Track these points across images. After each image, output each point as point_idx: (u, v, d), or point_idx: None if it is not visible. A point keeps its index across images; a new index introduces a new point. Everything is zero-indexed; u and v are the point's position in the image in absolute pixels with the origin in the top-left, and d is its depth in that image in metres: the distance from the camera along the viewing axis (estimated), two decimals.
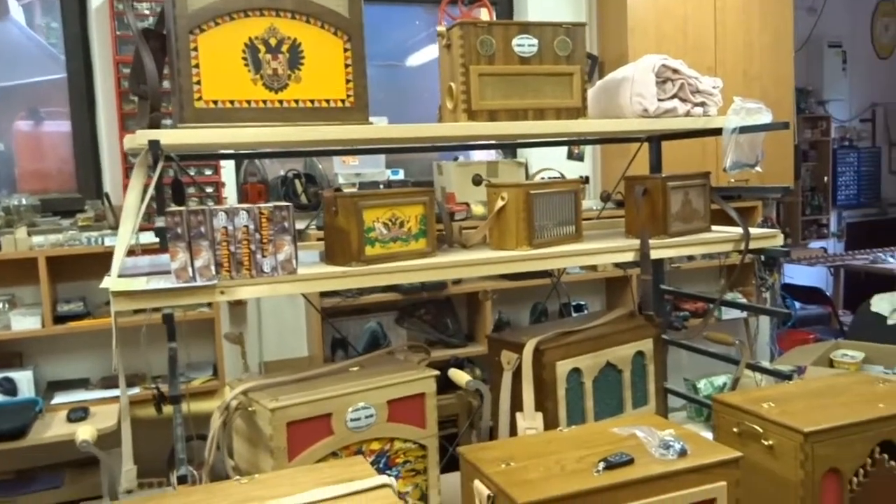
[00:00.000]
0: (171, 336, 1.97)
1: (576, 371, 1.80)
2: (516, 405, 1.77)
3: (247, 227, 1.44)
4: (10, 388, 2.34)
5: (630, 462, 1.23)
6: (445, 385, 1.88)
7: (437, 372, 1.71)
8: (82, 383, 2.55)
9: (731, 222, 1.90)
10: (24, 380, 2.36)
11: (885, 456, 1.44)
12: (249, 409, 1.58)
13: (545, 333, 1.81)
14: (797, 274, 5.77)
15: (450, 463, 1.89)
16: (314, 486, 1.13)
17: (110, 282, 1.38)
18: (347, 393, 1.60)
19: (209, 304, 2.63)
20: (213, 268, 1.42)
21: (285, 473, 1.24)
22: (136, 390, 2.45)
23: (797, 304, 5.37)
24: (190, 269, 1.40)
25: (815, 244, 6.15)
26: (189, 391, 2.35)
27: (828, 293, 5.57)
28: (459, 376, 1.72)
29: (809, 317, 5.47)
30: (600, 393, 1.84)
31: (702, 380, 2.57)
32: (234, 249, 1.44)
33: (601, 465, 1.22)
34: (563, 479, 1.20)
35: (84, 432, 1.31)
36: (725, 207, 1.92)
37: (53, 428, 2.21)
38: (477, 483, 1.25)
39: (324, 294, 2.74)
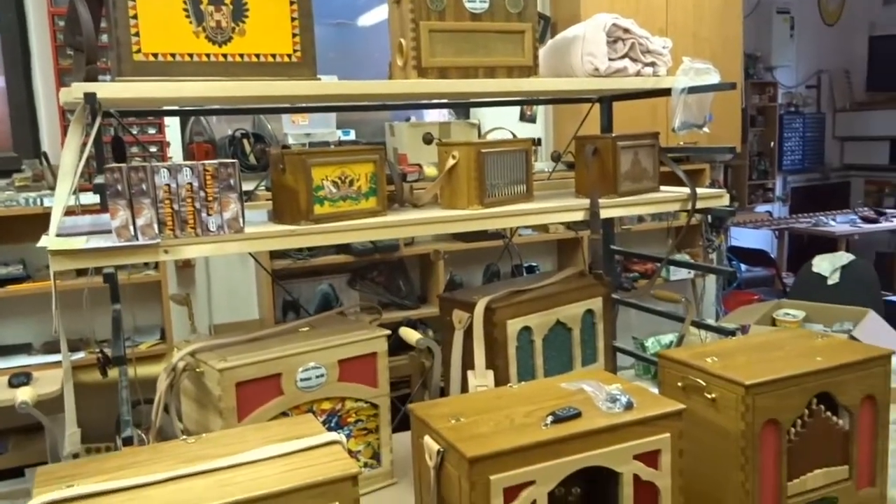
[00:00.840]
0: (114, 298, 1.92)
1: (526, 329, 1.81)
2: (468, 364, 1.79)
3: (191, 184, 1.41)
4: None
5: (577, 415, 1.25)
6: (398, 347, 1.89)
7: (388, 332, 1.71)
8: (24, 348, 2.49)
9: (680, 184, 1.93)
10: None
11: (822, 407, 1.49)
12: (197, 370, 1.56)
13: (496, 293, 1.82)
14: (743, 237, 5.91)
15: (402, 423, 1.90)
16: (263, 444, 1.12)
17: (48, 241, 1.34)
18: (297, 353, 1.59)
19: (155, 266, 2.58)
20: (155, 226, 1.38)
21: (233, 432, 1.23)
22: (80, 355, 2.40)
23: (743, 267, 5.51)
24: (131, 228, 1.37)
25: (761, 208, 6.31)
26: (136, 355, 2.31)
27: (772, 255, 5.73)
28: (410, 334, 1.72)
29: (754, 279, 5.64)
30: (550, 351, 1.86)
31: (649, 338, 2.62)
32: (178, 208, 1.40)
33: (549, 418, 1.23)
34: (512, 433, 1.21)
35: (23, 393, 1.27)
36: (673, 167, 1.94)
37: None
38: (427, 439, 1.26)
39: (274, 256, 2.71)
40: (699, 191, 1.87)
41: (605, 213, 1.79)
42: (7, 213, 2.34)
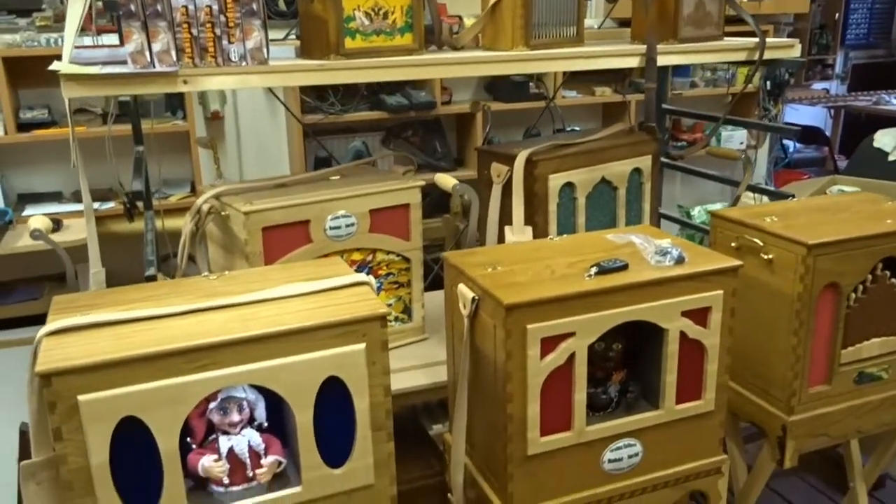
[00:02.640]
0: (137, 139, 1.85)
1: (569, 185, 1.70)
2: (505, 220, 1.69)
3: (210, 7, 1.28)
4: None
5: (624, 268, 1.16)
6: (431, 210, 1.80)
7: (422, 182, 1.62)
8: (55, 196, 2.45)
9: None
10: None
11: (888, 273, 1.38)
12: (222, 213, 1.49)
13: (538, 146, 1.70)
14: (797, 115, 5.61)
15: (434, 283, 1.85)
16: (288, 283, 1.05)
17: (60, 65, 1.24)
18: (327, 199, 1.51)
19: (183, 117, 2.49)
20: (173, 53, 1.27)
21: (257, 270, 1.17)
22: (110, 204, 2.36)
23: (794, 146, 5.26)
24: (147, 54, 1.26)
25: (818, 85, 5.94)
26: (164, 208, 2.26)
27: (827, 135, 5.44)
28: (446, 180, 1.63)
29: (805, 159, 5.38)
30: (593, 210, 1.76)
31: (695, 207, 2.50)
32: (197, 33, 1.29)
33: (593, 269, 1.15)
34: (552, 282, 1.13)
35: (36, 221, 1.21)
36: (741, 12, 1.75)
37: (25, 239, 2.14)
38: (461, 287, 1.18)
39: (305, 111, 2.60)
40: (768, 40, 1.69)
41: (662, 60, 1.63)
42: (28, 54, 2.24)
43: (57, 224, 2.20)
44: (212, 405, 0.99)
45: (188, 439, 0.98)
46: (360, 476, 1.02)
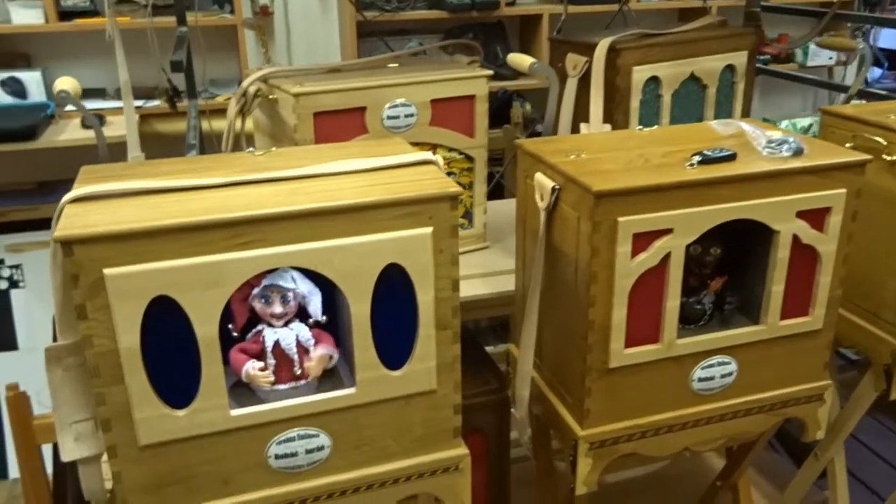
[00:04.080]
0: (180, 19, 1.71)
1: (654, 80, 1.52)
2: (580, 116, 1.52)
3: None
4: (18, 89, 2.14)
5: (732, 157, 0.99)
6: (489, 121, 1.62)
7: (490, 71, 1.45)
8: (98, 93, 2.35)
9: None
10: (32, 82, 2.16)
11: None
12: (270, 97, 1.35)
13: (621, 35, 1.51)
14: (890, 38, 5.17)
15: (494, 192, 1.70)
16: (343, 159, 0.91)
17: None
18: (385, 85, 1.35)
19: (231, 10, 2.34)
20: None
21: (310, 148, 1.03)
22: (154, 102, 2.25)
23: (881, 71, 4.87)
24: None
25: None
26: (210, 108, 2.14)
27: None
28: (521, 59, 1.46)
29: (889, 89, 5.00)
30: (679, 109, 1.57)
31: (783, 121, 2.28)
32: None
33: (696, 158, 0.98)
34: (646, 171, 0.97)
35: (63, 83, 1.09)
36: None
37: (68, 132, 2.05)
38: (539, 177, 1.03)
39: (360, 8, 2.42)
40: None
41: None
42: None
43: (100, 119, 2.10)
44: (254, 291, 0.87)
45: (230, 326, 0.87)
46: (420, 380, 0.90)
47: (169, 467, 0.83)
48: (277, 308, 0.88)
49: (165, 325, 0.78)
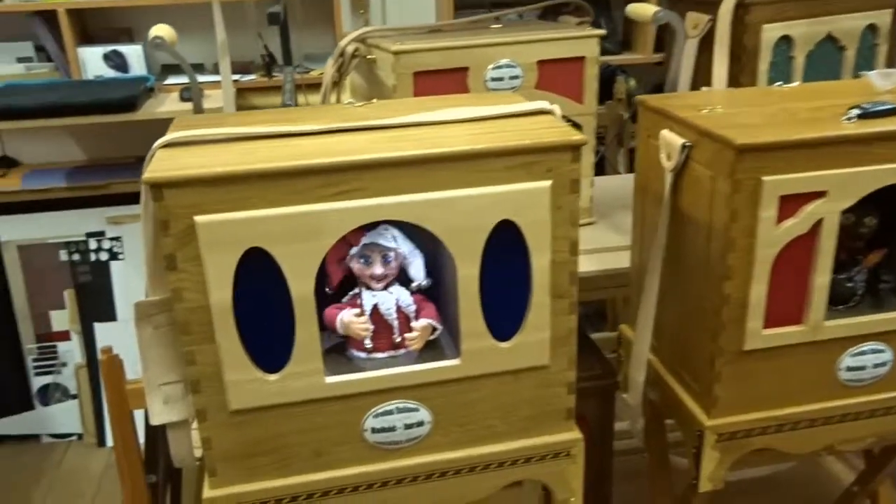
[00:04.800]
0: None
1: (786, 40, 1.37)
2: (700, 81, 1.39)
3: None
4: (120, 62, 2.17)
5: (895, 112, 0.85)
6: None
7: (603, 31, 1.34)
8: (196, 68, 2.35)
9: None
10: (134, 56, 2.18)
11: None
12: (368, 57, 1.28)
13: None
14: None
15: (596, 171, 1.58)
16: (451, 107, 0.83)
17: None
18: (489, 44, 1.26)
19: None
20: None
21: (413, 99, 0.96)
22: (250, 77, 2.23)
23: None
24: None
25: None
26: (305, 81, 2.11)
27: None
28: (643, 9, 1.34)
29: None
30: (813, 73, 1.41)
31: None
32: None
33: (853, 111, 0.85)
34: (796, 125, 0.85)
35: (158, 29, 1.05)
36: None
37: (167, 105, 2.05)
38: (665, 134, 0.92)
39: None
40: None
41: None
42: None
43: (200, 94, 2.09)
44: (352, 250, 0.80)
45: (326, 290, 0.80)
46: (531, 353, 0.81)
47: (260, 435, 0.77)
48: (378, 269, 0.80)
49: (259, 280, 0.71)
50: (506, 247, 0.76)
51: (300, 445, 0.78)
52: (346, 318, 0.79)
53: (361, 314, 0.80)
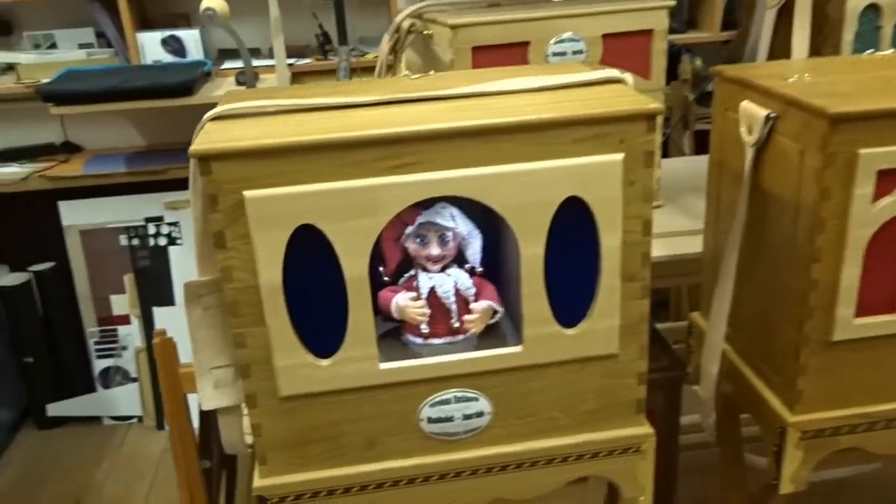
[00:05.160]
0: None
1: (872, 8, 1.26)
2: (779, 52, 1.30)
3: None
4: (178, 47, 2.17)
5: None
6: None
7: (672, 2, 1.26)
8: (253, 53, 2.35)
9: None
10: (191, 40, 2.18)
11: None
12: (425, 32, 1.24)
13: None
14: None
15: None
16: (514, 77, 0.78)
17: None
18: (551, 17, 1.20)
19: None
20: None
21: (474, 71, 0.91)
22: (306, 61, 2.21)
23: None
24: None
25: None
26: (360, 65, 2.07)
27: None
28: None
29: None
30: None
31: None
32: None
33: None
34: (894, 94, 0.77)
35: (210, 1, 1.02)
36: None
37: (223, 89, 2.04)
38: (746, 105, 0.85)
39: None
40: None
41: None
42: None
43: (254, 77, 2.08)
44: (408, 230, 0.76)
45: (380, 269, 0.76)
46: (599, 341, 0.75)
47: (311, 423, 0.74)
48: (434, 249, 0.76)
49: (310, 259, 0.68)
50: (573, 225, 0.70)
51: (353, 434, 0.75)
52: (402, 301, 0.75)
53: (418, 298, 0.76)
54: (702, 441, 1.34)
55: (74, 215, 2.29)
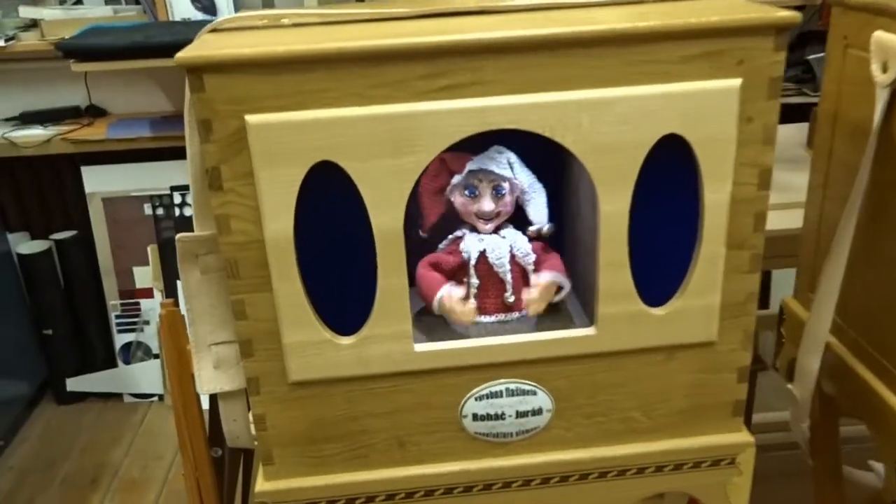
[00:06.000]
0: None
1: None
2: None
3: None
4: (208, 5, 2.04)
5: None
6: None
7: None
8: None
9: None
10: None
11: None
12: None
13: None
14: None
15: None
16: None
17: None
18: None
19: None
20: None
21: None
22: None
23: None
24: None
25: None
26: None
27: None
28: None
29: None
30: None
31: None
32: None
33: None
34: None
35: None
36: None
37: None
38: (880, 36, 0.68)
39: None
40: None
41: None
42: None
43: None
44: (455, 179, 0.61)
45: (421, 233, 0.61)
46: (694, 324, 0.59)
47: (328, 416, 0.59)
48: (487, 203, 0.61)
49: (330, 208, 0.53)
50: (669, 174, 0.55)
51: (379, 432, 0.60)
52: (448, 302, 0.60)
53: (467, 298, 0.61)
54: (778, 442, 1.19)
55: (97, 182, 2.19)
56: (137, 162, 2.17)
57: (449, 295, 0.61)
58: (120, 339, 2.25)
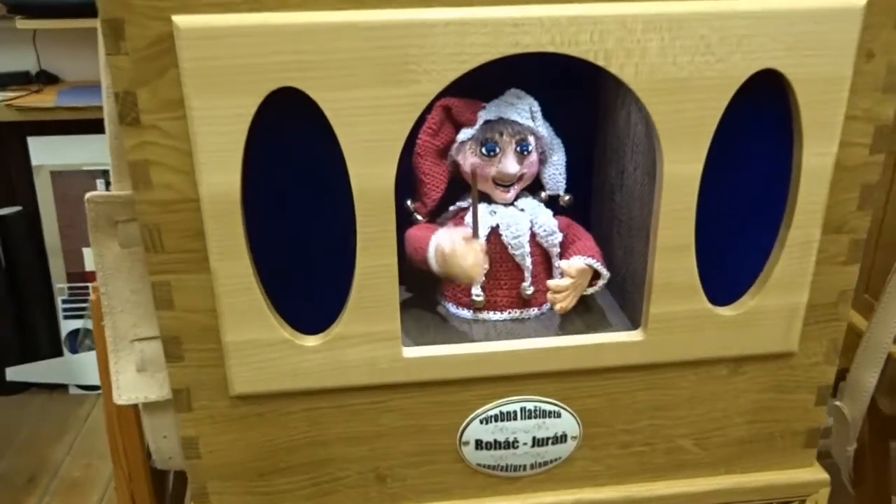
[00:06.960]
0: None
1: None
2: None
3: None
4: None
5: None
6: None
7: None
8: None
9: None
10: None
11: None
12: None
13: None
14: None
15: None
16: None
17: None
18: None
19: None
20: None
21: None
22: None
23: None
24: None
25: None
26: None
27: None
28: None
29: None
30: None
31: None
32: None
33: None
34: None
35: None
36: None
37: None
38: None
39: None
40: None
41: None
42: None
43: None
44: (463, 134, 0.46)
45: (409, 203, 0.46)
46: (770, 330, 0.45)
47: (283, 440, 0.44)
48: (511, 164, 0.46)
49: (293, 157, 0.38)
50: (756, 126, 0.40)
51: (352, 462, 0.45)
52: (447, 243, 0.45)
53: (474, 236, 0.46)
54: None
55: (45, 154, 2.00)
56: (90, 133, 1.99)
57: (449, 235, 0.45)
58: (67, 326, 2.07)
